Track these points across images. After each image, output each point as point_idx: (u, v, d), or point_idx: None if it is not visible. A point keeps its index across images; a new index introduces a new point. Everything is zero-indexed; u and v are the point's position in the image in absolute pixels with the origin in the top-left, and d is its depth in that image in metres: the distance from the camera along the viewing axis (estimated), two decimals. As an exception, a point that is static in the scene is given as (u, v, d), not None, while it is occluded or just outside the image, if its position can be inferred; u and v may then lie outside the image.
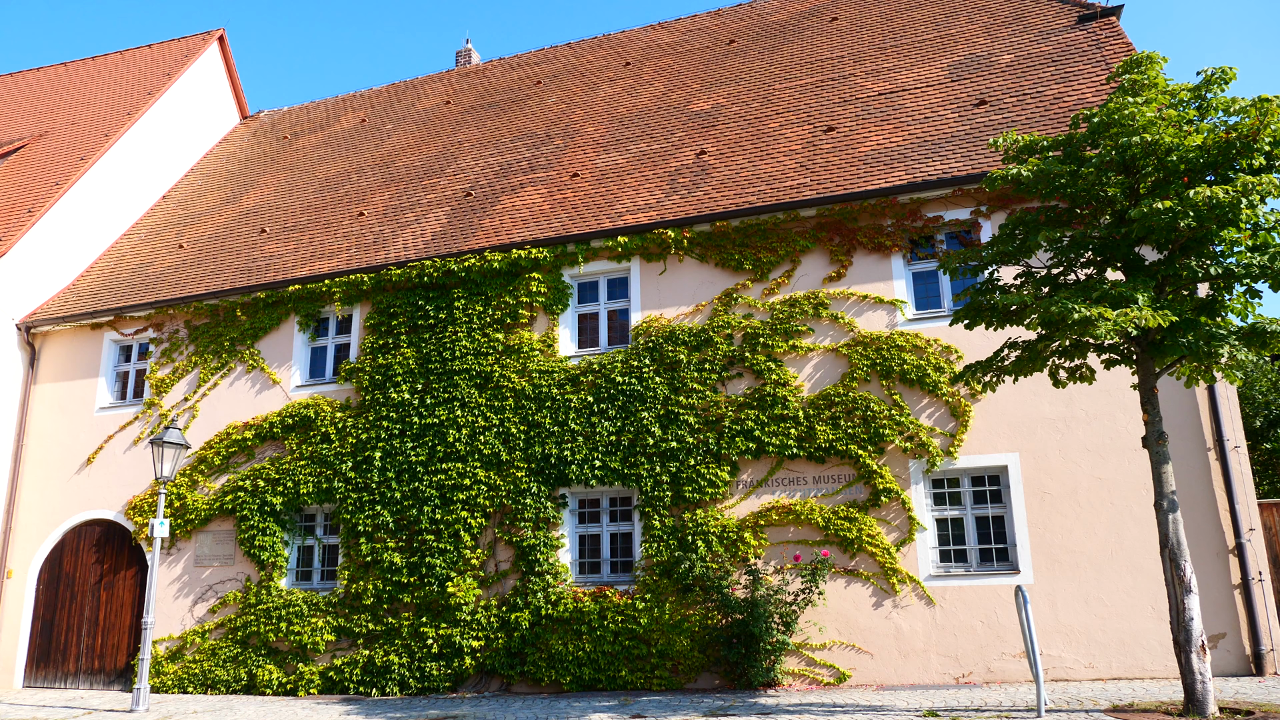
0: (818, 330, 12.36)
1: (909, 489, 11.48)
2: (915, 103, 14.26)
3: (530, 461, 13.02)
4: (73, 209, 18.28)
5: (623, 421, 12.72)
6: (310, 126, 22.62)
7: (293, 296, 15.11)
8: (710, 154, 14.83)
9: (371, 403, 14.14)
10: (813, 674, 11.28)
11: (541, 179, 15.91)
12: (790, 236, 12.75)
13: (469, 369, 13.68)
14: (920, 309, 12.20)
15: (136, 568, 15.18)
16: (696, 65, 18.41)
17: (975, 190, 11.87)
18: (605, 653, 11.93)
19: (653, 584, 12.03)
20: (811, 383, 12.22)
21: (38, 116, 22.39)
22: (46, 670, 15.34)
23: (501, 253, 13.89)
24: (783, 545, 11.77)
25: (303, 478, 14.11)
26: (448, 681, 12.60)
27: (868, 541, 11.37)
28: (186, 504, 14.77)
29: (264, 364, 15.15)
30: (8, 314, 16.55)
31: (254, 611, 13.82)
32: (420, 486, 13.43)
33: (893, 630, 11.15)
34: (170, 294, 16.08)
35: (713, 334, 12.67)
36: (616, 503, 12.97)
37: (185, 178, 21.83)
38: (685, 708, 10.09)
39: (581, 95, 18.91)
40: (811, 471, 11.92)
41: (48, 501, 16.02)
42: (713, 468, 12.17)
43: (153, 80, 22.12)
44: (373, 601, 13.23)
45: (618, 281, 13.78)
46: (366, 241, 15.78)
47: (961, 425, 11.42)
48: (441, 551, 13.05)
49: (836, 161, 13.40)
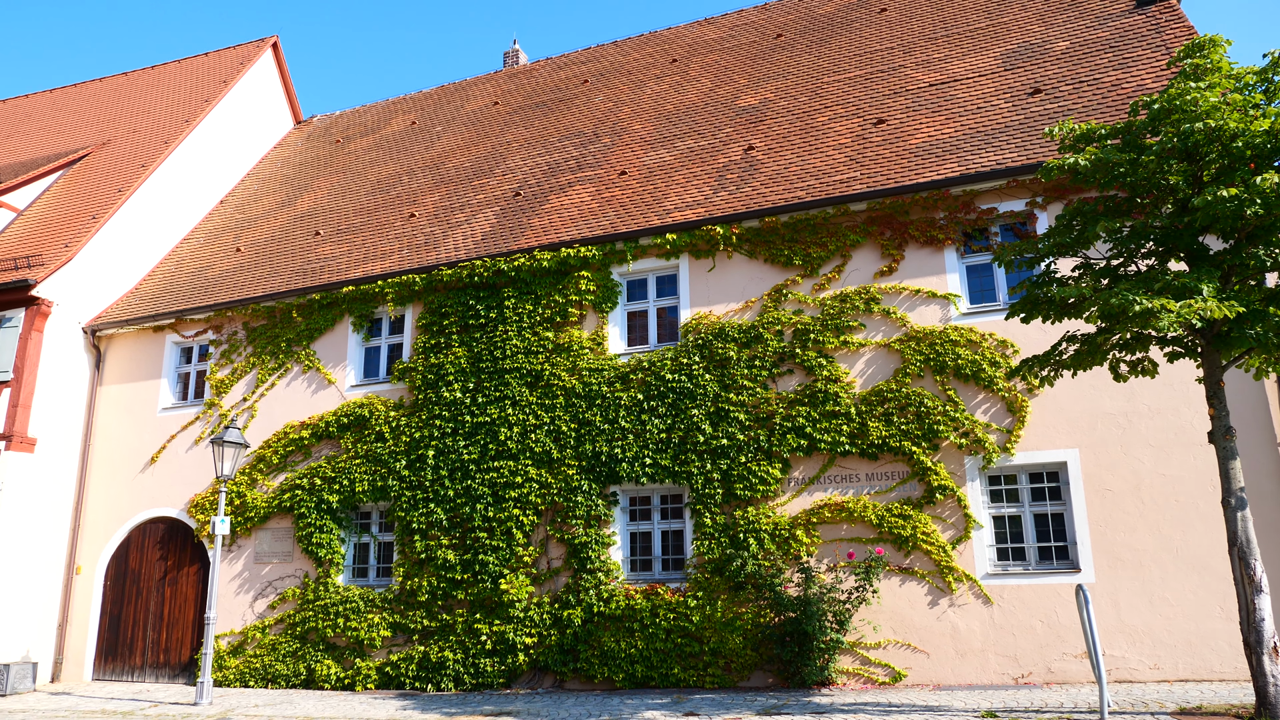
0: (869, 325, 12.22)
1: (964, 486, 11.30)
2: (968, 93, 14.02)
3: (581, 459, 13.07)
4: (135, 215, 18.77)
5: (673, 419, 12.71)
6: (362, 130, 22.96)
7: (346, 298, 15.36)
8: (758, 149, 14.73)
9: (424, 402, 14.31)
10: (867, 673, 11.16)
11: (589, 177, 15.96)
12: (840, 231, 12.62)
13: (519, 368, 13.77)
14: (974, 303, 11.99)
15: (199, 564, 15.56)
16: (743, 60, 18.31)
17: (1030, 181, 11.63)
18: (657, 650, 11.93)
19: (704, 582, 12.00)
20: (863, 379, 12.08)
21: (100, 125, 23.04)
22: (114, 664, 15.80)
23: (551, 252, 13.96)
24: (835, 543, 11.66)
25: (358, 476, 14.33)
26: (501, 678, 12.71)
27: (922, 539, 11.21)
28: (246, 502, 15.09)
29: (319, 364, 15.42)
30: (74, 318, 17.06)
31: (312, 607, 14.08)
32: (473, 484, 13.56)
33: (949, 629, 10.98)
34: (229, 296, 16.43)
35: (762, 330, 12.59)
36: (667, 500, 12.96)
37: (242, 182, 22.31)
38: (738, 706, 10.05)
39: (628, 93, 18.92)
40: (864, 468, 11.79)
41: (114, 500, 16.49)
42: (764, 465, 12.10)
43: (210, 88, 22.64)
44: (427, 598, 13.39)
45: (666, 279, 13.77)
46: (418, 242, 15.97)
47: (1018, 421, 11.20)
48: (494, 549, 13.17)
49: (887, 154, 13.23)
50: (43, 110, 25.56)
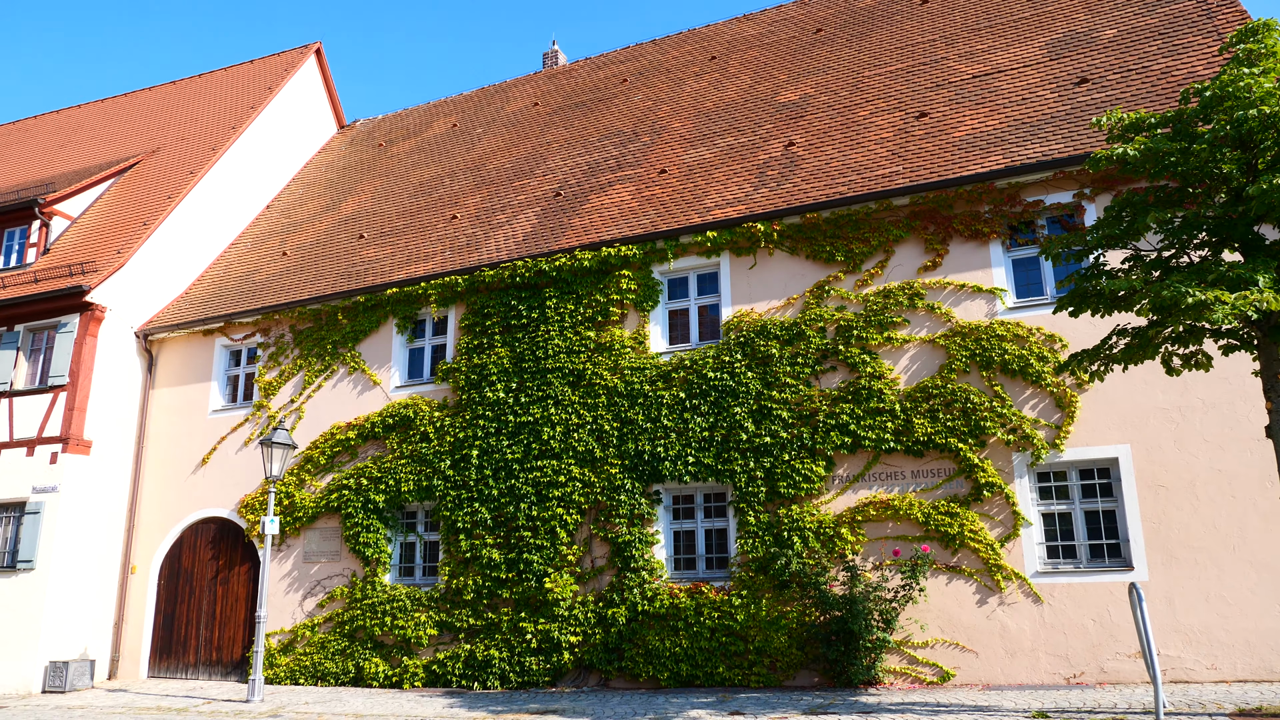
0: (913, 321, 12.08)
1: (1013, 483, 11.13)
2: (1012, 84, 13.80)
3: (624, 458, 13.09)
4: (184, 221, 19.16)
5: (715, 417, 12.68)
6: (404, 133, 23.20)
7: (390, 299, 15.53)
8: (799, 145, 14.64)
9: (468, 402, 14.43)
10: (915, 672, 11.04)
11: (629, 176, 15.97)
12: (883, 226, 12.50)
13: (562, 367, 13.82)
14: (1021, 297, 11.80)
15: (249, 564, 15.84)
16: (783, 56, 18.20)
17: (1078, 172, 11.43)
18: (702, 649, 11.92)
19: (748, 580, 11.96)
20: (908, 375, 11.95)
21: (150, 133, 23.54)
22: (168, 661, 16.15)
23: (591, 251, 14.00)
24: (881, 541, 11.55)
25: (403, 476, 14.49)
26: (547, 676, 12.77)
27: (970, 537, 11.06)
28: (295, 502, 15.33)
29: (364, 365, 15.61)
30: (127, 322, 17.46)
31: (360, 606, 14.27)
32: (516, 484, 13.64)
33: (998, 628, 10.83)
34: (275, 300, 16.70)
35: (805, 327, 12.51)
36: (711, 499, 12.93)
37: (287, 187, 22.66)
38: (784, 705, 10.00)
39: (667, 91, 18.91)
40: (910, 466, 11.66)
41: (166, 500, 16.85)
42: (807, 463, 12.02)
43: (255, 94, 23.03)
44: (473, 597, 13.50)
45: (707, 277, 13.74)
46: (460, 244, 16.10)
47: (1068, 416, 11.00)
48: (538, 548, 13.24)
49: (930, 148, 13.08)
50: (94, 120, 26.19)
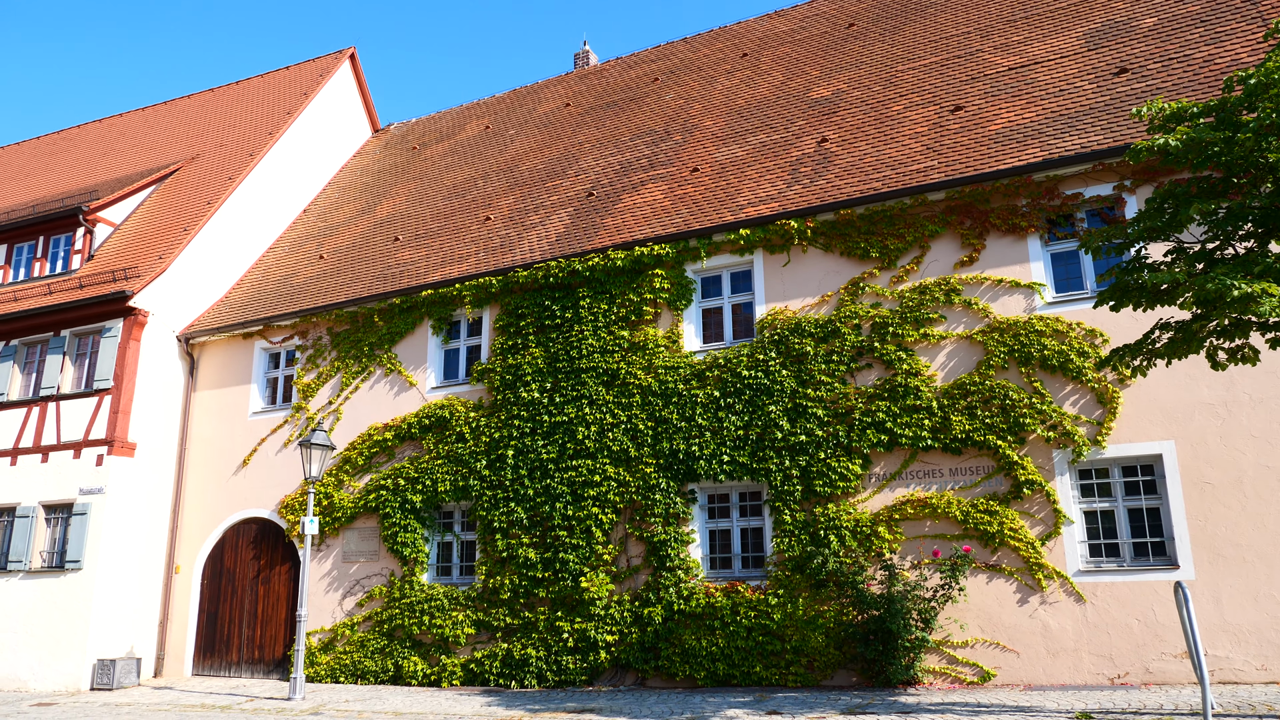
0: (950, 317, 11.95)
1: (1053, 480, 10.96)
2: (1049, 75, 13.60)
3: (658, 457, 13.08)
4: (223, 226, 19.45)
5: (750, 416, 12.63)
6: (437, 136, 23.37)
7: (425, 301, 15.65)
8: (832, 141, 14.54)
9: (503, 402, 14.50)
10: (955, 672, 10.92)
11: (662, 175, 15.96)
12: (918, 222, 12.37)
13: (596, 367, 13.85)
14: (1060, 291, 11.62)
15: (290, 563, 16.05)
16: (815, 52, 18.09)
17: (1118, 164, 11.23)
18: (739, 648, 11.88)
19: (785, 579, 11.90)
20: (945, 372, 11.82)
21: (190, 141, 23.92)
22: (212, 659, 16.40)
23: (624, 250, 14.00)
24: (919, 540, 11.44)
25: (440, 476, 14.60)
26: (584, 675, 12.80)
27: (1010, 535, 10.92)
28: (334, 502, 15.50)
29: (401, 367, 15.75)
30: (169, 326, 17.76)
31: (398, 605, 14.40)
32: (552, 483, 13.69)
33: (1040, 628, 10.67)
34: (313, 303, 16.90)
35: (840, 324, 12.42)
36: (746, 497, 12.88)
37: (323, 191, 22.92)
38: (822, 705, 9.94)
39: (699, 89, 18.86)
40: (947, 463, 11.54)
41: (209, 501, 17.11)
42: (843, 461, 11.94)
43: (291, 100, 23.32)
44: (509, 596, 13.57)
45: (741, 275, 13.69)
46: (494, 245, 16.18)
47: (1109, 412, 10.82)
48: (574, 547, 13.27)
49: (965, 142, 12.92)
50: (136, 128, 26.67)
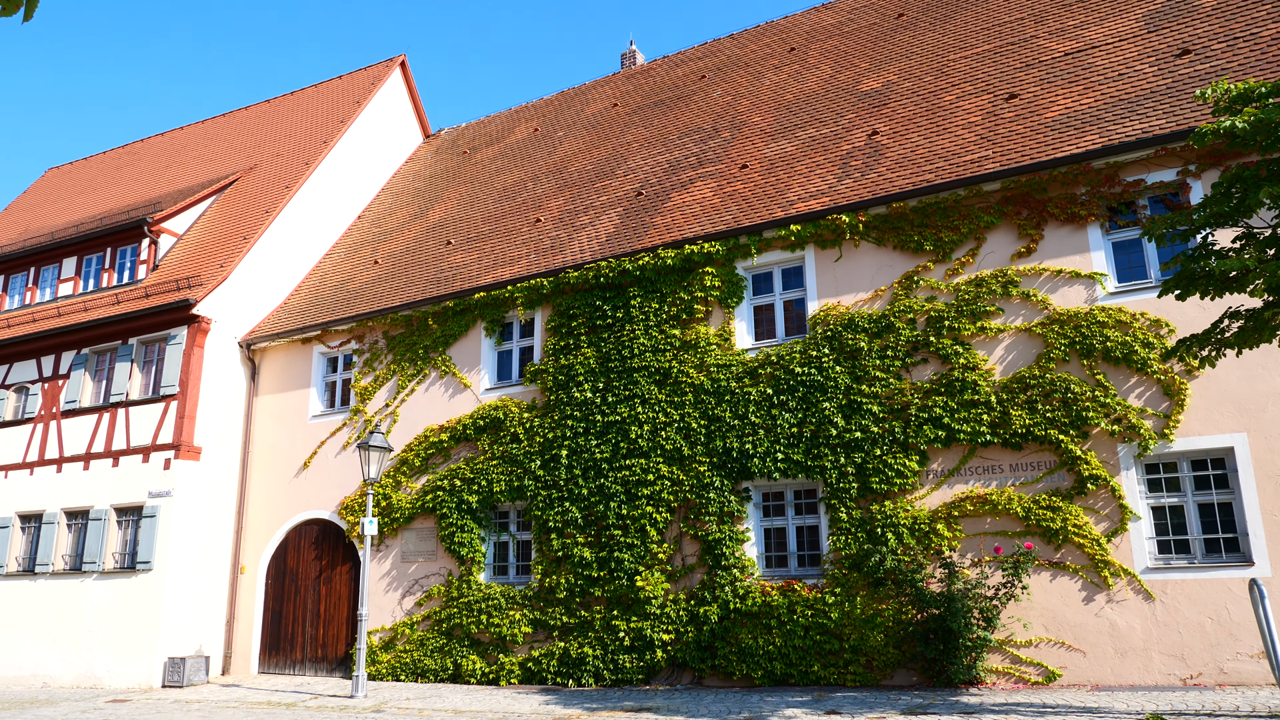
0: (1008, 310, 11.71)
1: (1118, 475, 10.68)
2: (1107, 60, 13.25)
3: (712, 456, 13.03)
4: (281, 233, 19.85)
5: (804, 413, 12.51)
6: (487, 140, 23.58)
7: (478, 303, 15.80)
8: (883, 134, 14.34)
9: (556, 402, 14.57)
10: (1018, 672, 10.70)
11: (710, 173, 15.89)
12: (973, 213, 12.14)
13: (648, 366, 13.84)
14: (1123, 281, 11.32)
15: (350, 563, 16.32)
16: (864, 43, 17.86)
17: (1182, 149, 10.90)
18: (796, 647, 11.78)
19: (842, 578, 11.77)
20: (1004, 365, 11.59)
21: (248, 151, 24.46)
22: (277, 657, 16.75)
23: (674, 249, 13.97)
24: (979, 537, 11.23)
25: (495, 476, 14.72)
26: (640, 674, 12.81)
27: (1074, 532, 10.66)
28: (392, 503, 15.73)
29: (455, 369, 15.92)
30: (231, 333, 18.18)
31: (456, 604, 14.55)
32: (606, 483, 13.71)
33: (1106, 627, 10.40)
34: (368, 307, 17.16)
35: (894, 319, 12.25)
36: (801, 495, 12.77)
37: (377, 197, 23.27)
38: (881, 705, 9.81)
39: (747, 85, 18.75)
40: (1008, 459, 11.30)
41: (272, 503, 17.48)
42: (900, 457, 11.77)
43: (344, 109, 23.71)
44: (565, 595, 13.63)
45: (792, 271, 13.57)
46: (544, 246, 16.27)
47: (1177, 405, 10.50)
48: (629, 546, 13.28)
49: (1021, 130, 12.65)
50: (196, 140, 27.35)
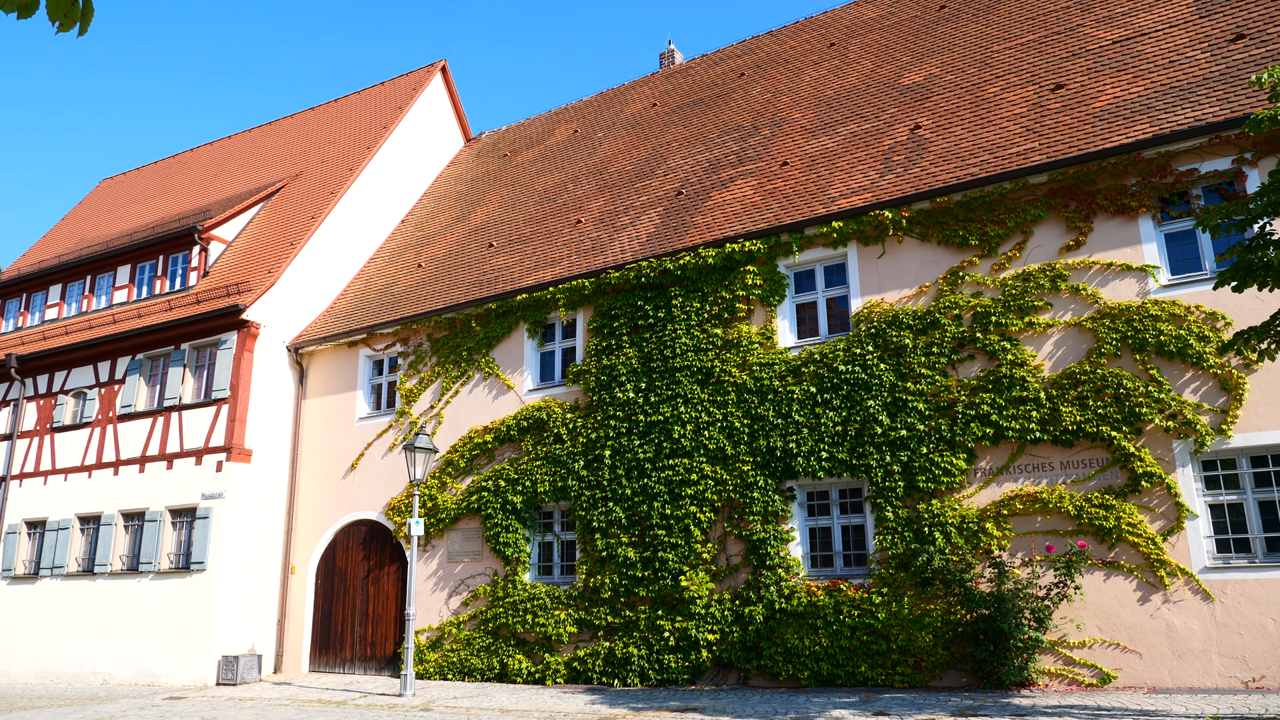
0: (1056, 304, 11.49)
1: (1174, 472, 10.42)
2: (1157, 47, 12.95)
3: (755, 455, 12.96)
4: (327, 239, 20.13)
5: (848, 411, 12.39)
6: (527, 142, 23.70)
7: (520, 305, 15.88)
8: (925, 128, 14.15)
9: (599, 403, 14.59)
10: (1072, 674, 10.49)
11: (751, 171, 15.81)
12: (1019, 206, 11.94)
13: (690, 365, 13.81)
14: (1176, 273, 11.04)
15: (398, 563, 16.50)
16: (905, 37, 17.65)
17: (1236, 136, 10.61)
18: (842, 648, 11.67)
19: (889, 577, 11.64)
20: (1053, 361, 11.37)
21: (293, 158, 24.86)
22: (327, 656, 16.99)
23: (715, 248, 13.92)
24: (1029, 536, 11.03)
25: (539, 477, 14.78)
26: (685, 674, 12.78)
27: (1128, 531, 10.42)
28: (438, 504, 15.87)
29: (498, 370, 16.02)
30: (279, 337, 18.47)
31: (502, 604, 14.64)
32: (649, 483, 13.70)
33: (1163, 628, 10.16)
34: (413, 310, 17.34)
35: (939, 315, 12.08)
36: (846, 494, 12.65)
37: (419, 201, 23.50)
38: (931, 706, 9.68)
39: (786, 82, 18.63)
40: (1058, 456, 11.09)
41: (320, 504, 17.74)
42: (947, 455, 11.60)
43: (387, 114, 23.99)
44: (610, 595, 13.65)
45: (835, 268, 13.45)
46: (585, 248, 16.31)
47: (1235, 400, 10.22)
48: (673, 546, 13.26)
49: (1068, 121, 12.41)
50: (244, 149, 27.86)
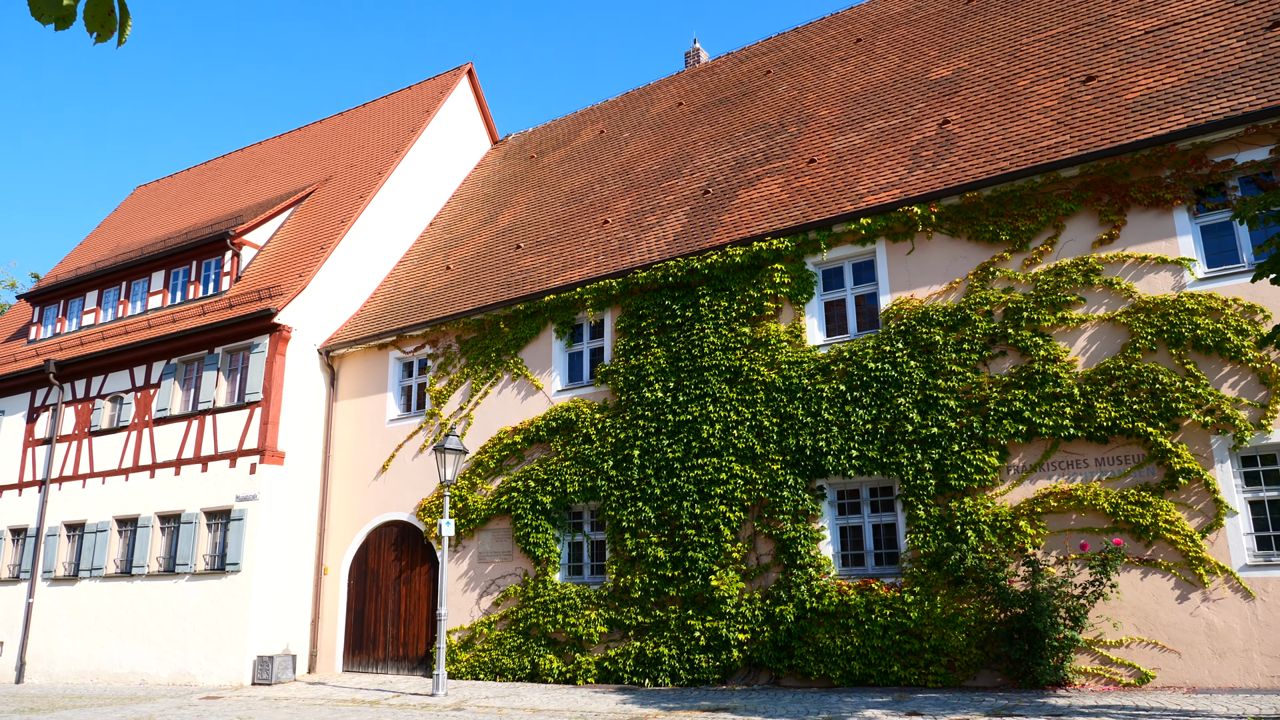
0: (1089, 299, 11.33)
1: (1212, 468, 10.24)
2: (1191, 36, 12.74)
3: (785, 454, 12.91)
4: (356, 242, 20.31)
5: (878, 409, 12.31)
6: (554, 143, 23.77)
7: (548, 306, 15.93)
8: (954, 122, 14.02)
9: (627, 403, 14.60)
10: (1109, 673, 10.34)
11: (778, 168, 15.75)
12: (1051, 200, 11.79)
13: (718, 364, 13.77)
14: (1212, 266, 10.85)
15: (429, 564, 16.60)
16: (932, 31, 17.50)
17: (1274, 125, 10.41)
18: (875, 647, 11.59)
19: (921, 576, 11.54)
20: (1086, 356, 11.22)
21: (323, 163, 25.09)
22: (360, 656, 17.13)
23: (742, 246, 13.88)
24: (1064, 534, 10.89)
25: (568, 477, 14.82)
26: (716, 674, 12.75)
27: (1165, 528, 10.26)
28: (468, 504, 15.95)
29: (527, 371, 16.08)
30: (310, 341, 18.66)
31: (532, 604, 14.69)
32: (678, 482, 13.69)
33: (1203, 626, 9.99)
34: (442, 312, 17.44)
35: (970, 312, 11.97)
36: (877, 493, 12.56)
37: (447, 204, 23.65)
38: (965, 706, 9.58)
39: (812, 79, 18.53)
40: (1093, 453, 10.94)
41: (352, 505, 17.89)
42: (979, 453, 11.49)
43: (414, 118, 24.15)
44: (640, 595, 13.65)
45: (863, 265, 13.36)
46: (612, 248, 16.33)
47: (1275, 394, 10.03)
48: (703, 545, 13.24)
49: (1100, 113, 12.24)
50: (274, 154, 28.17)
